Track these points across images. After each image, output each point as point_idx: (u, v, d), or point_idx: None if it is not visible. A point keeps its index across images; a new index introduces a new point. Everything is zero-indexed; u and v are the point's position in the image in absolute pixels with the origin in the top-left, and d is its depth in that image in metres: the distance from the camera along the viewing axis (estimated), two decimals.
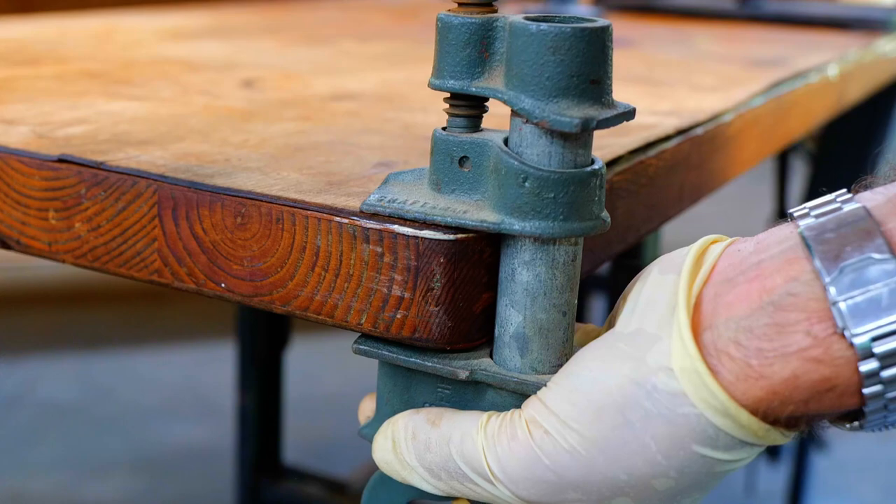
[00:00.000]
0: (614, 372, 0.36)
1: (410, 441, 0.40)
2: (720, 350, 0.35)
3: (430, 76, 0.40)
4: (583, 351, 0.38)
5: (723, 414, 0.35)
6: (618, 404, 0.36)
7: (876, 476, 1.84)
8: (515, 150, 0.38)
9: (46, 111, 0.57)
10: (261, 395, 1.34)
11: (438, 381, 0.41)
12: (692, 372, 0.35)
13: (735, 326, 0.35)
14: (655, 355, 0.36)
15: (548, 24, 0.36)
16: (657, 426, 0.35)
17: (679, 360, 0.35)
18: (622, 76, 0.39)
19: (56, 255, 0.47)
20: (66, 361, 2.15)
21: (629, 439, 0.36)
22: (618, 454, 0.36)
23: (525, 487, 0.37)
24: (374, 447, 0.41)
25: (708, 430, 0.35)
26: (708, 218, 1.63)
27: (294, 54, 0.88)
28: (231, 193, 0.42)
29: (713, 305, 0.36)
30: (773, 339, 0.34)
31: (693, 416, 0.35)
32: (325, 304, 0.41)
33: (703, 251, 0.38)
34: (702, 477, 0.36)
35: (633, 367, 0.36)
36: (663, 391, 0.35)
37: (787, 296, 0.34)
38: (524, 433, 0.37)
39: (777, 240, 0.36)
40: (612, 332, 0.38)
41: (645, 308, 0.37)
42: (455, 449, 0.39)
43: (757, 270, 0.35)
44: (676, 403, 0.35)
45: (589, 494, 0.37)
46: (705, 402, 0.35)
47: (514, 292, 0.39)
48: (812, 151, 1.65)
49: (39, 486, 1.69)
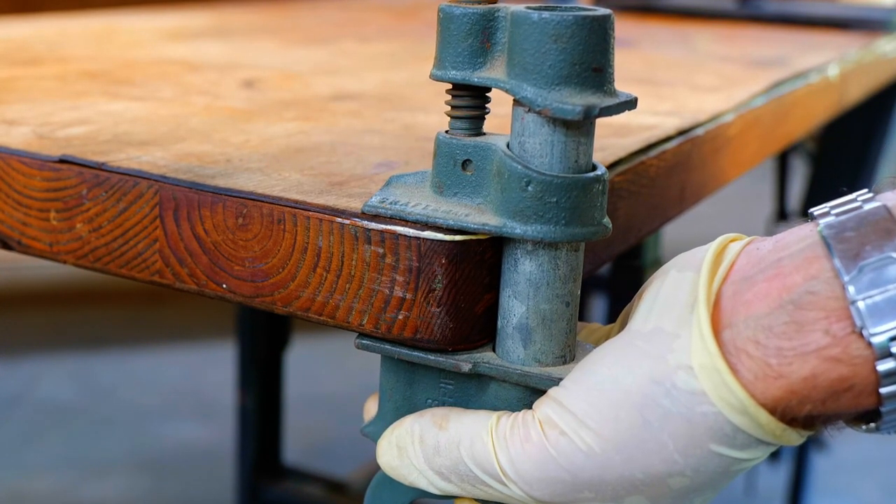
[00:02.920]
0: (633, 370, 0.36)
1: (418, 445, 0.40)
2: (739, 349, 0.35)
3: (432, 67, 0.40)
4: (600, 349, 0.38)
5: (741, 413, 0.35)
6: (636, 403, 0.36)
7: (876, 476, 1.84)
8: (517, 139, 0.38)
9: (47, 111, 0.57)
10: (261, 395, 1.34)
11: (441, 375, 0.41)
12: (712, 370, 0.35)
13: (754, 325, 0.35)
14: (675, 353, 0.36)
15: (550, 12, 0.36)
16: (675, 425, 0.35)
17: (699, 358, 0.35)
18: (622, 76, 0.39)
19: (57, 256, 0.47)
20: (66, 361, 2.15)
21: (646, 438, 0.36)
22: (634, 453, 0.36)
23: (539, 488, 0.37)
24: (379, 452, 0.41)
25: (726, 428, 0.35)
26: (708, 218, 1.63)
27: (294, 54, 0.88)
28: (232, 194, 0.42)
29: (732, 303, 0.36)
30: (792, 338, 0.34)
31: (711, 414, 0.35)
32: (326, 305, 0.41)
33: (722, 249, 0.38)
34: (716, 475, 0.36)
35: (652, 365, 0.36)
36: (682, 389, 0.35)
37: (807, 294, 0.34)
38: (538, 434, 0.37)
39: (797, 238, 0.36)
40: (629, 331, 0.38)
41: (663, 306, 0.37)
42: (465, 452, 0.38)
43: (776, 269, 0.35)
44: (695, 402, 0.35)
45: (603, 494, 0.37)
46: (724, 400, 0.35)
47: (517, 283, 0.39)
48: (812, 151, 1.65)
49: (39, 486, 1.69)
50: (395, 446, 0.40)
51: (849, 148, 1.46)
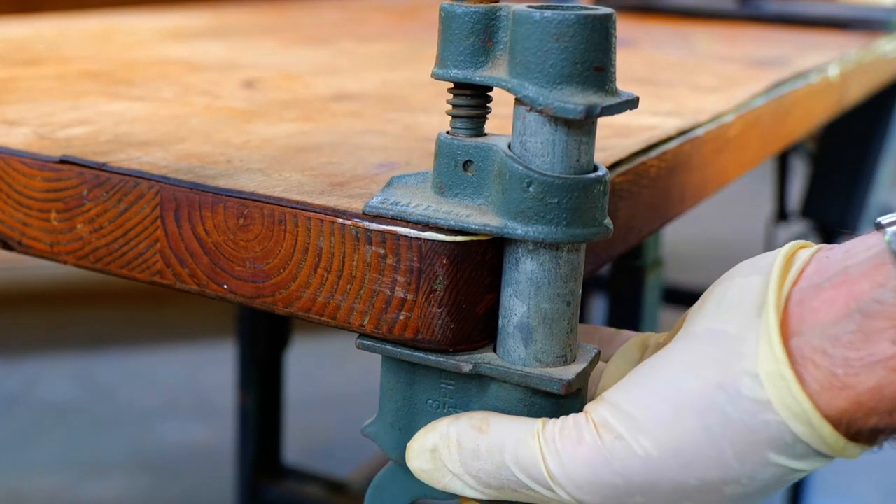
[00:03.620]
0: (698, 374, 0.36)
1: (454, 448, 0.39)
2: (806, 357, 0.34)
3: (434, 66, 0.40)
4: (661, 353, 0.38)
5: (805, 423, 0.34)
6: (698, 408, 0.35)
7: (876, 476, 1.84)
8: (519, 138, 0.38)
9: (48, 112, 0.57)
10: (261, 395, 1.34)
11: (442, 376, 0.41)
12: (778, 378, 0.34)
13: (821, 333, 0.34)
14: (740, 358, 0.35)
15: (552, 11, 0.36)
16: (736, 431, 0.35)
17: (766, 365, 0.35)
18: (623, 76, 0.39)
19: (58, 257, 0.47)
20: (66, 361, 2.15)
21: (705, 444, 0.35)
22: (692, 459, 0.35)
23: (589, 492, 0.36)
24: (410, 455, 0.40)
25: (787, 438, 0.34)
26: (708, 218, 1.63)
27: (294, 54, 0.88)
28: (233, 195, 0.42)
29: (800, 310, 0.35)
30: (859, 348, 0.34)
31: (774, 423, 0.34)
32: (327, 306, 0.41)
33: (791, 255, 0.37)
34: (770, 484, 0.36)
35: (717, 370, 0.35)
36: (746, 396, 0.35)
37: (874, 303, 0.34)
38: (592, 436, 0.36)
39: (865, 247, 0.36)
40: (691, 333, 0.37)
41: (729, 309, 0.37)
42: (509, 456, 0.38)
43: (843, 276, 0.35)
44: (758, 409, 0.35)
45: (654, 499, 0.36)
46: (789, 409, 0.34)
47: (518, 282, 0.39)
48: (812, 151, 1.65)
49: (39, 486, 1.69)
50: (427, 450, 0.39)
51: (849, 148, 1.46)
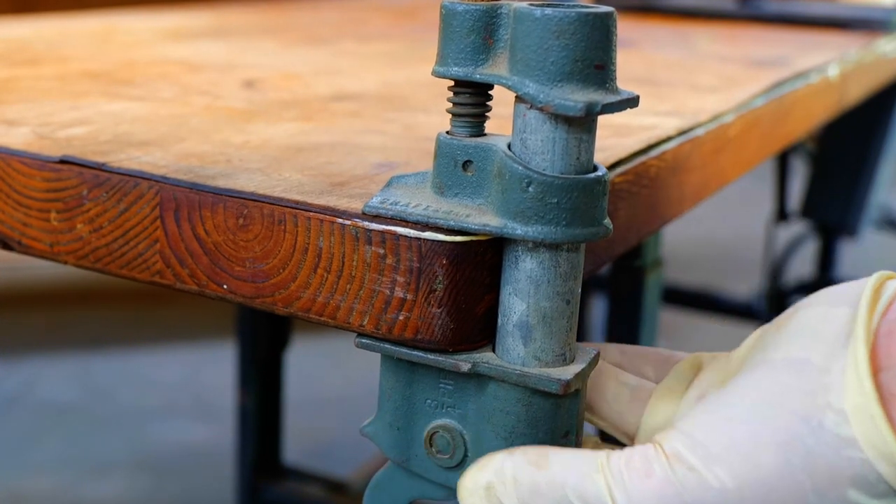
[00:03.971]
0: (779, 405, 0.35)
1: (511, 485, 0.37)
2: (893, 394, 0.33)
3: (435, 64, 0.40)
4: (736, 380, 0.37)
5: (890, 462, 0.33)
6: (779, 439, 0.34)
7: None
8: (519, 136, 0.38)
9: (47, 112, 0.57)
10: (261, 395, 1.34)
11: (441, 376, 0.41)
12: (865, 414, 0.33)
13: None
14: (825, 391, 0.34)
15: (552, 8, 0.36)
16: (816, 465, 0.34)
17: (853, 399, 0.33)
18: (623, 76, 0.39)
19: (58, 257, 0.47)
20: (66, 361, 2.15)
21: (784, 476, 0.34)
22: (769, 492, 0.34)
23: None
24: (462, 493, 0.39)
25: (870, 476, 0.33)
26: (708, 218, 1.63)
27: (294, 55, 0.88)
28: (233, 195, 0.42)
29: (888, 342, 0.34)
30: None
31: (858, 460, 0.33)
32: (327, 306, 0.41)
33: (880, 286, 0.36)
34: None
35: (800, 401, 0.34)
36: (830, 430, 0.34)
37: None
38: (663, 468, 0.35)
39: None
40: (769, 361, 0.36)
41: (812, 339, 0.35)
42: (572, 492, 0.36)
43: None
44: (842, 445, 0.33)
45: None
46: (875, 448, 0.33)
47: (518, 280, 0.39)
48: (812, 151, 1.65)
49: (39, 486, 1.69)
50: (481, 487, 0.38)
51: (849, 148, 1.46)
